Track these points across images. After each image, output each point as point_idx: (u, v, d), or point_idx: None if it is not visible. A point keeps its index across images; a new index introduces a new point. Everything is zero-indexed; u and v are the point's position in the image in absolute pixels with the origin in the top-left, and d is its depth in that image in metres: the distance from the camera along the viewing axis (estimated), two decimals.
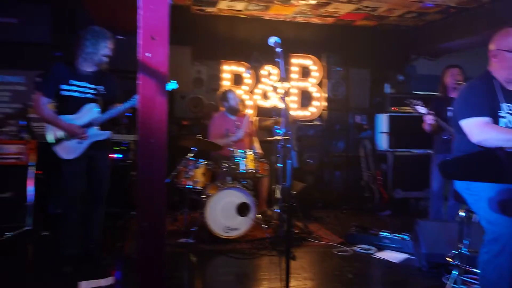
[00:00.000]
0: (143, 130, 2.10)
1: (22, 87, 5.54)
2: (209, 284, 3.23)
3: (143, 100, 2.09)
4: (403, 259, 3.67)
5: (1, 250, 3.77)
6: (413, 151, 5.89)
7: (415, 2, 5.08)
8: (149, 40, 2.07)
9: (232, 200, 4.02)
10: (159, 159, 2.13)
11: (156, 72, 2.09)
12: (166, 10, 2.10)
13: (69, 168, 3.19)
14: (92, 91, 3.23)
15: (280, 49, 2.48)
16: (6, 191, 4.34)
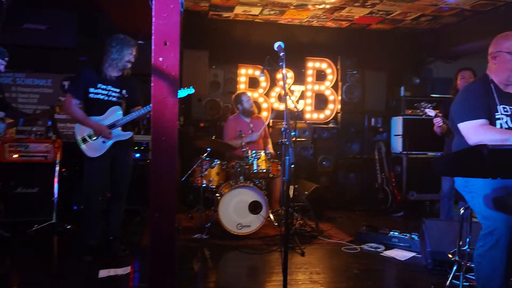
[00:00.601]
0: (156, 129, 2.27)
1: (49, 89, 5.86)
2: (221, 276, 3.39)
3: (155, 101, 2.26)
4: (410, 257, 3.74)
5: (29, 241, 4.04)
6: (427, 153, 5.92)
7: (429, 5, 5.14)
8: (162, 46, 2.25)
9: (244, 199, 4.18)
10: (170, 155, 2.30)
11: (168, 75, 2.26)
12: (177, 17, 2.27)
13: (93, 165, 3.41)
14: (117, 94, 3.47)
15: (283, 53, 2.62)
16: (34, 187, 4.63)
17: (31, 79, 5.78)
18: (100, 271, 3.15)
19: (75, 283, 3.07)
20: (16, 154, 4.60)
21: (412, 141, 5.93)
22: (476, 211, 2.35)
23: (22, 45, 5.46)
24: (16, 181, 4.57)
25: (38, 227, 4.31)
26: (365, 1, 5.07)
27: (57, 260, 3.69)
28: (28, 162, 4.62)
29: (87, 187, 3.46)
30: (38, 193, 4.61)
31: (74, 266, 3.37)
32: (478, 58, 6.26)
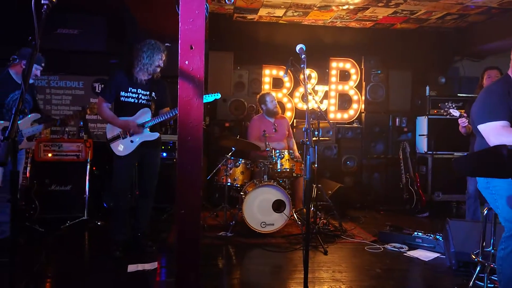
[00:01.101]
0: (182, 129, 2.38)
1: (81, 91, 6.10)
2: (245, 273, 3.47)
3: (181, 102, 2.37)
4: (434, 257, 3.73)
5: (62, 236, 4.23)
6: (453, 153, 5.84)
7: (455, 4, 5.07)
8: (188, 49, 2.36)
9: (268, 197, 4.25)
10: (195, 155, 2.40)
11: (193, 77, 2.37)
12: (202, 22, 2.37)
13: (121, 163, 3.56)
14: (146, 97, 3.62)
15: (304, 55, 2.67)
16: (66, 185, 4.85)
17: (64, 81, 6.04)
18: (128, 266, 3.29)
19: (105, 277, 3.22)
20: (50, 153, 4.83)
21: (438, 141, 5.88)
22: (499, 213, 2.35)
23: (56, 49, 5.69)
24: (50, 179, 4.80)
25: (70, 224, 4.51)
26: (389, 1, 5.05)
27: (88, 255, 3.87)
28: (61, 161, 4.84)
29: (116, 185, 3.61)
30: (71, 191, 4.83)
31: (104, 261, 3.52)
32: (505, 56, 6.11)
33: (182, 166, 2.41)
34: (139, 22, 5.09)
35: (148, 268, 3.29)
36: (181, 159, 2.41)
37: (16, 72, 3.67)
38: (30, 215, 4.40)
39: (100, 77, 6.07)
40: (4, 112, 3.61)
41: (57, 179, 4.83)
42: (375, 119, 6.37)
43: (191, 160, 2.41)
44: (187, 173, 2.41)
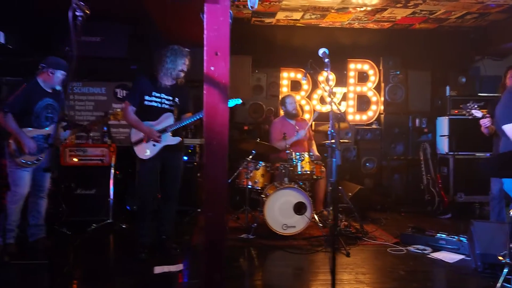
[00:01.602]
0: (208, 133, 2.43)
1: (103, 97, 6.25)
2: (267, 275, 3.50)
3: (207, 107, 2.42)
4: (458, 259, 3.70)
5: (89, 238, 4.34)
6: (475, 154, 5.77)
7: (475, 3, 5.03)
8: (213, 56, 2.41)
9: (289, 200, 4.28)
10: (221, 158, 2.45)
11: (219, 83, 2.42)
12: (227, 29, 2.42)
13: (145, 167, 3.64)
14: (169, 102, 3.70)
15: (328, 59, 2.70)
16: (91, 188, 4.97)
17: (87, 87, 6.19)
18: (155, 268, 3.35)
19: (132, 279, 3.29)
20: (76, 158, 4.95)
21: (459, 142, 5.81)
22: None
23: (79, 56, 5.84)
24: (75, 183, 4.92)
25: (96, 226, 4.62)
26: (408, 2, 5.04)
27: (114, 257, 3.97)
28: (86, 165, 4.97)
29: (141, 188, 3.70)
30: (95, 195, 4.93)
31: (130, 263, 3.60)
32: None
33: (209, 170, 2.46)
34: (161, 29, 5.18)
35: (174, 270, 3.36)
36: (207, 163, 2.46)
37: (43, 80, 3.78)
38: (57, 218, 4.53)
39: (121, 83, 6.20)
40: (33, 120, 3.72)
41: (82, 183, 4.94)
42: (395, 120, 6.35)
43: (217, 164, 2.46)
44: (213, 176, 2.47)
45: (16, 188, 3.66)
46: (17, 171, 3.67)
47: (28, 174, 3.75)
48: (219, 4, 2.41)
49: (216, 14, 2.41)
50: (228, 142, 2.51)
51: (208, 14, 2.42)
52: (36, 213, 3.92)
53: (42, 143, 3.75)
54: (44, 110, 3.79)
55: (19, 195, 3.69)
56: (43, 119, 3.79)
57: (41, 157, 3.77)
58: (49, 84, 3.78)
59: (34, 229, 3.92)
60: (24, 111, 3.65)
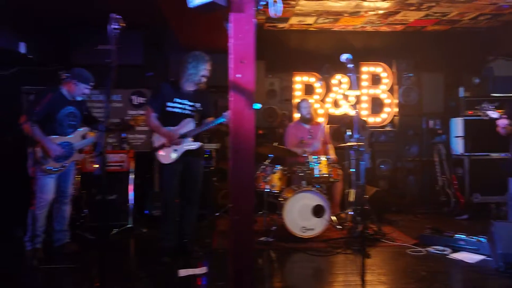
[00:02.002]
0: (234, 139, 2.51)
1: (119, 104, 6.34)
2: (289, 276, 3.55)
3: (234, 113, 2.50)
4: (479, 260, 3.71)
5: (111, 243, 4.43)
6: (490, 154, 5.78)
7: (488, 4, 5.06)
8: (239, 64, 2.49)
9: (308, 203, 4.33)
10: (248, 163, 2.52)
11: (245, 90, 2.49)
12: (252, 37, 2.50)
13: (167, 171, 3.71)
14: (191, 108, 3.77)
15: (352, 65, 2.75)
16: (111, 194, 5.06)
17: (103, 95, 6.28)
18: (179, 271, 3.41)
19: (157, 282, 3.35)
20: (96, 164, 5.05)
21: (474, 142, 5.82)
22: None
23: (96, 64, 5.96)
24: (96, 189, 5.02)
25: (117, 231, 4.71)
26: (421, 5, 5.08)
27: (138, 261, 4.03)
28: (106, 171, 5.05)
29: (164, 193, 3.77)
30: (116, 200, 5.03)
31: (154, 266, 3.67)
32: None
33: (236, 174, 2.53)
34: (177, 36, 5.27)
35: (198, 273, 3.42)
36: (235, 167, 2.52)
37: (67, 89, 3.90)
38: (80, 223, 4.63)
39: (137, 90, 6.30)
40: (56, 127, 3.85)
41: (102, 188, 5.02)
42: (409, 122, 6.38)
43: (244, 168, 2.53)
44: (241, 180, 2.53)
45: (41, 194, 3.76)
46: (43, 178, 3.77)
47: (53, 181, 3.86)
48: (244, 13, 2.48)
49: (241, 23, 2.49)
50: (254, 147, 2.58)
51: (233, 23, 2.49)
52: (61, 219, 4.02)
53: (67, 150, 3.86)
54: (66, 118, 3.92)
55: (45, 201, 3.80)
56: (66, 127, 3.92)
57: (66, 163, 3.88)
58: (71, 94, 3.92)
59: (59, 234, 4.02)
60: (48, 119, 3.77)
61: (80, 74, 3.89)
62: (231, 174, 2.55)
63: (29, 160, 3.80)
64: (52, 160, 3.78)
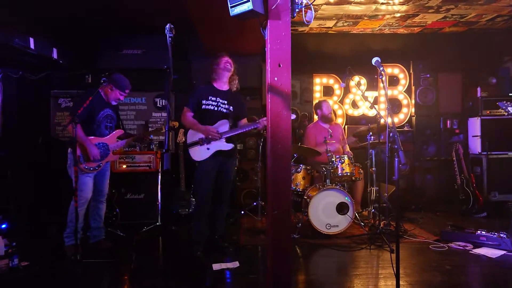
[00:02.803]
0: (272, 138, 2.67)
1: (143, 106, 6.55)
2: (316, 270, 3.70)
3: (272, 114, 2.67)
4: (501, 255, 3.84)
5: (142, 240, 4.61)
6: (508, 153, 5.88)
7: (506, 6, 5.17)
8: (276, 67, 2.65)
9: (332, 200, 4.48)
10: (286, 161, 2.69)
11: (282, 92, 2.66)
12: (289, 43, 2.67)
13: (202, 170, 3.87)
14: (225, 105, 3.95)
15: (382, 67, 2.91)
16: (140, 193, 5.26)
17: (128, 98, 6.49)
18: (213, 265, 3.59)
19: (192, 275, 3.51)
20: (125, 164, 5.26)
21: (492, 142, 5.92)
22: None
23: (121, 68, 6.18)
24: (125, 189, 5.23)
25: (147, 229, 4.90)
26: (440, 8, 5.21)
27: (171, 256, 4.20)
28: (135, 171, 5.27)
29: (198, 191, 3.95)
30: (144, 199, 5.24)
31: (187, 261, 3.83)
32: None
33: (274, 172, 2.69)
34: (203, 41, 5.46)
35: (231, 267, 3.59)
36: (272, 165, 2.69)
37: (105, 93, 4.11)
38: (112, 221, 4.83)
39: (161, 93, 6.50)
40: (95, 128, 4.06)
41: (131, 188, 5.25)
42: (426, 122, 6.50)
43: (281, 166, 2.69)
44: (278, 178, 2.69)
45: (81, 192, 3.95)
46: (82, 176, 3.97)
47: (91, 180, 4.06)
48: (281, 20, 2.65)
49: (279, 29, 2.66)
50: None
51: (271, 30, 2.66)
52: (97, 217, 4.23)
53: (104, 151, 4.07)
54: (104, 119, 4.15)
55: (84, 199, 4.00)
56: (103, 128, 4.15)
57: (101, 163, 4.09)
58: (107, 98, 4.14)
59: (95, 232, 4.22)
60: (88, 120, 3.99)
61: (117, 80, 4.12)
62: (269, 172, 2.72)
63: (69, 160, 4.01)
64: (90, 160, 3.99)
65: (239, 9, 2.59)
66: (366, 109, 6.54)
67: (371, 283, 3.27)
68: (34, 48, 5.00)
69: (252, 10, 2.56)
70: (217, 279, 3.39)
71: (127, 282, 3.32)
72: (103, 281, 3.48)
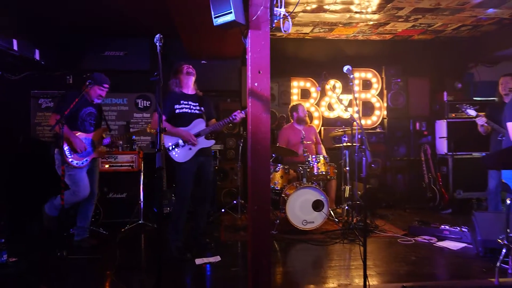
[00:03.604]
0: (253, 139, 2.89)
1: (125, 107, 6.66)
2: (294, 263, 3.94)
3: (252, 117, 2.88)
4: (462, 247, 4.18)
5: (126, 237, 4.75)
6: (472, 154, 6.27)
7: (469, 17, 5.55)
8: (257, 74, 2.88)
9: (308, 198, 4.73)
10: (265, 160, 2.91)
11: (262, 96, 2.88)
12: (268, 51, 2.89)
13: (182, 169, 4.03)
14: (197, 107, 4.13)
15: (352, 75, 3.17)
16: (122, 192, 5.39)
17: (110, 98, 6.59)
18: (196, 260, 3.78)
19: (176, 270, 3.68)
20: (107, 164, 5.38)
21: (457, 143, 6.30)
22: None
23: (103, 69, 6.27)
24: (108, 188, 5.34)
25: (130, 227, 5.03)
26: (409, 17, 5.55)
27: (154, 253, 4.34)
28: (117, 171, 5.39)
29: (180, 192, 4.06)
30: (127, 198, 5.37)
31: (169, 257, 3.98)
32: None
33: (254, 170, 2.91)
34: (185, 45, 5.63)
35: (213, 261, 3.79)
36: (253, 164, 2.91)
37: (87, 92, 4.24)
38: (95, 219, 4.95)
39: (142, 94, 6.63)
40: (79, 124, 4.22)
41: (114, 187, 5.38)
42: (397, 124, 6.84)
43: (261, 165, 2.91)
44: (259, 176, 2.91)
45: (78, 188, 4.11)
46: (78, 171, 4.12)
47: (86, 176, 4.21)
48: (261, 30, 2.88)
49: (259, 39, 2.88)
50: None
51: (251, 39, 2.89)
52: (85, 216, 4.34)
53: (89, 147, 4.23)
54: (87, 117, 4.30)
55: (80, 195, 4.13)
56: (88, 125, 4.30)
57: (88, 159, 4.22)
58: (90, 97, 4.30)
59: (80, 230, 4.32)
60: (71, 118, 4.10)
61: (95, 77, 4.26)
62: (250, 170, 2.94)
63: (57, 161, 4.12)
64: (77, 155, 4.13)
65: (222, 20, 2.80)
66: (341, 112, 6.84)
67: (343, 274, 3.53)
68: (17, 50, 5.07)
69: (234, 20, 2.78)
70: (200, 273, 3.58)
71: (113, 278, 3.47)
72: (89, 276, 3.62)
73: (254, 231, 2.93)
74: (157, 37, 2.48)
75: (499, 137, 4.54)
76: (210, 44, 5.44)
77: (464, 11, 5.31)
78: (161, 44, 2.52)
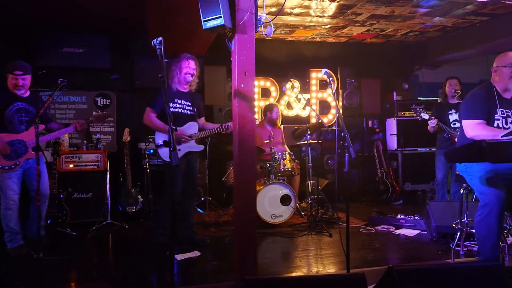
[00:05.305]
0: (239, 137, 3.05)
1: (84, 105, 6.49)
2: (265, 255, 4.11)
3: (239, 116, 3.04)
4: (416, 234, 4.62)
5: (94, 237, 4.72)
6: (419, 149, 6.84)
7: (417, 24, 6.06)
8: (243, 75, 3.03)
9: (276, 193, 4.96)
10: (251, 157, 3.08)
11: (247, 97, 3.04)
12: (253, 53, 3.06)
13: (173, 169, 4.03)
14: (190, 107, 4.15)
15: (331, 78, 3.42)
16: (88, 192, 5.30)
17: (67, 96, 6.39)
18: (176, 256, 3.84)
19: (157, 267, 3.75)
20: (72, 164, 5.27)
21: (406, 139, 6.85)
22: (475, 188, 3.20)
23: (60, 66, 6.08)
24: (73, 188, 5.23)
25: (97, 227, 4.97)
26: (365, 22, 5.95)
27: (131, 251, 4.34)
28: (82, 170, 5.29)
29: (170, 190, 4.04)
30: (93, 198, 5.30)
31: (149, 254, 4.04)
32: (456, 65, 7.29)
33: (240, 166, 3.06)
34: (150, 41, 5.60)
35: (192, 256, 3.88)
36: (239, 160, 3.06)
37: (8, 85, 3.85)
38: (62, 220, 4.83)
39: (102, 92, 6.49)
40: (6, 124, 3.81)
41: (79, 187, 5.28)
42: (352, 122, 7.27)
43: (247, 161, 3.07)
44: (245, 171, 3.07)
45: (4, 195, 3.81)
46: (2, 179, 3.78)
47: (14, 181, 3.83)
48: (247, 34, 3.05)
49: (245, 42, 3.05)
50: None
51: (238, 42, 3.04)
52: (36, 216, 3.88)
53: (20, 147, 3.82)
54: (15, 114, 3.86)
55: (10, 203, 3.81)
56: (17, 123, 3.87)
57: (19, 161, 3.83)
58: (11, 89, 3.85)
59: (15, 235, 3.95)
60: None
61: (7, 65, 3.82)
62: (236, 166, 3.09)
63: None
64: (3, 159, 3.75)
65: (211, 23, 2.93)
66: (300, 110, 7.14)
67: (312, 262, 3.80)
68: None
69: (223, 25, 2.91)
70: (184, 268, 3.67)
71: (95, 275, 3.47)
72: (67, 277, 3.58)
73: (242, 223, 3.10)
74: (157, 41, 2.53)
75: (445, 134, 5.05)
76: (176, 44, 5.48)
77: (414, 18, 5.80)
78: (161, 47, 2.55)
